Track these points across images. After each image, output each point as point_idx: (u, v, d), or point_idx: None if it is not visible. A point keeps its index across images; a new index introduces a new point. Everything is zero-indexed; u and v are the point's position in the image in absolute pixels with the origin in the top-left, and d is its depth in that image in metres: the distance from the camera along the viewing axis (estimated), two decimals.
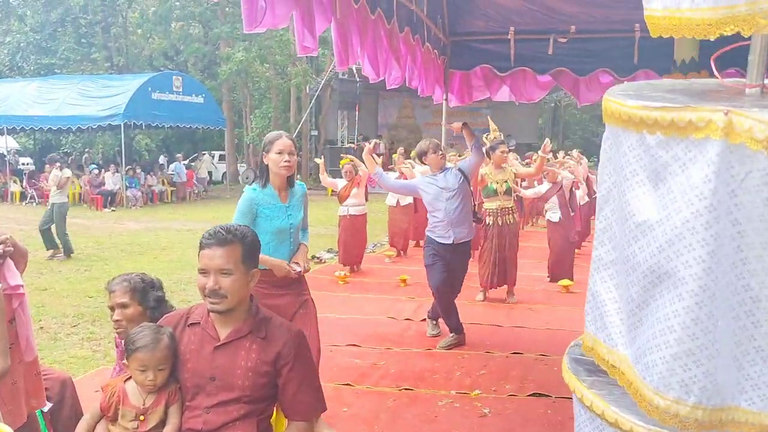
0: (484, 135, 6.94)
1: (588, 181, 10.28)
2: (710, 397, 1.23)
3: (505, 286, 6.94)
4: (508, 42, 5.64)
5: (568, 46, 5.55)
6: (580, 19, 5.42)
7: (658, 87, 1.32)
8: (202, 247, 2.11)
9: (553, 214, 8.04)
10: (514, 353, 5.08)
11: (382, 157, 23.96)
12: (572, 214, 8.26)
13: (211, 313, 2.13)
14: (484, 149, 6.08)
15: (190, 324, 2.18)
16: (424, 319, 5.84)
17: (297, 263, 3.46)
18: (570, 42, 5.54)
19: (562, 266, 8.04)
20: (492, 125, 6.94)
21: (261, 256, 3.29)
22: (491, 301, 6.87)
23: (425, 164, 5.25)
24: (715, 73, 1.46)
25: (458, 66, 5.87)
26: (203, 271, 2.08)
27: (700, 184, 1.16)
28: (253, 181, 3.49)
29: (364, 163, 6.00)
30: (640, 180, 1.18)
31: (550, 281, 8.00)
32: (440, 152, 5.23)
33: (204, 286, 2.07)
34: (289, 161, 3.34)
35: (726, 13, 1.24)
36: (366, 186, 8.62)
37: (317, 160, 8.57)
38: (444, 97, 5.99)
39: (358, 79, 21.45)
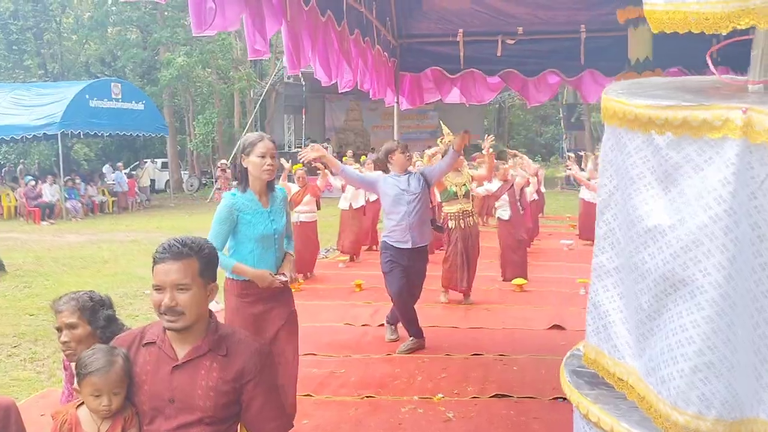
0: (438, 139, 6.94)
1: (537, 177, 10.45)
2: (731, 410, 1.17)
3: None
4: (457, 44, 5.65)
5: (516, 48, 5.60)
6: (527, 21, 5.48)
7: (649, 84, 1.27)
8: (155, 261, 1.99)
9: (504, 212, 8.11)
10: (474, 354, 5.07)
11: None
12: (522, 212, 8.37)
13: (167, 332, 2.02)
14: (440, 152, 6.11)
15: (146, 344, 2.06)
16: (382, 324, 5.79)
17: (283, 273, 3.32)
18: (518, 43, 5.59)
19: (514, 265, 8.11)
20: (445, 129, 6.94)
21: (241, 266, 3.18)
22: (448, 303, 6.87)
23: (388, 163, 5.15)
24: (712, 69, 1.44)
25: (408, 68, 5.85)
26: (158, 288, 1.97)
27: (718, 187, 1.10)
28: (233, 186, 3.36)
29: (325, 166, 5.91)
30: (648, 183, 1.11)
31: (504, 280, 8.07)
32: (408, 153, 5.19)
33: (159, 303, 1.95)
34: (272, 165, 3.21)
35: (739, 5, 1.19)
36: (319, 194, 8.52)
37: (284, 162, 8.36)
38: (395, 100, 5.96)
39: (303, 83, 21.25)
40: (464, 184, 6.62)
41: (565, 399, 4.06)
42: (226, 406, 2.00)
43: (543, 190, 13.50)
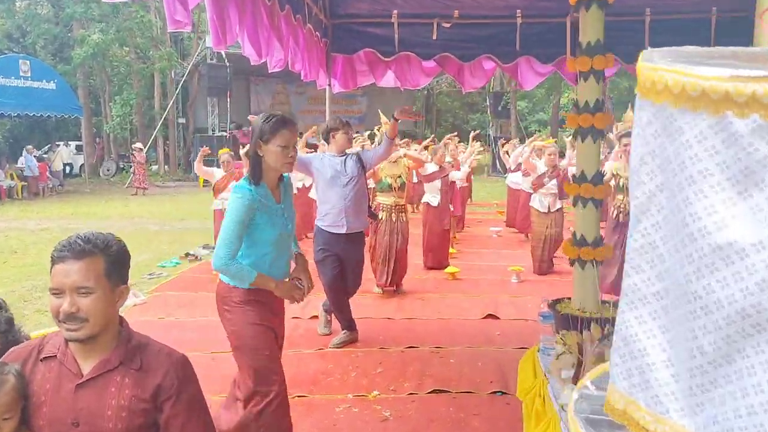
0: (376, 127, 6.73)
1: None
2: None
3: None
4: (392, 25, 5.43)
5: (452, 32, 5.43)
6: (464, 4, 5.32)
7: (696, 53, 0.97)
8: (53, 261, 1.69)
9: (433, 198, 8.00)
10: (409, 347, 4.92)
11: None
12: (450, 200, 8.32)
13: (69, 343, 1.72)
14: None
15: (44, 358, 1.75)
16: (314, 317, 5.55)
17: (299, 279, 2.95)
18: (454, 27, 5.42)
19: (438, 252, 8.03)
20: (383, 118, 6.73)
21: (264, 278, 2.74)
22: (382, 294, 6.69)
23: (327, 142, 4.92)
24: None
25: (341, 50, 5.58)
26: (56, 292, 1.67)
27: None
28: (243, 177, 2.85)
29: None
30: (717, 183, 0.84)
31: (427, 268, 7.96)
32: (350, 133, 4.98)
33: (58, 310, 1.65)
34: (293, 157, 2.81)
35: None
36: None
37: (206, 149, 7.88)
38: (327, 83, 5.68)
39: (228, 64, 20.50)
40: (400, 176, 6.47)
41: (504, 393, 4.00)
42: (142, 427, 1.73)
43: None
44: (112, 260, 1.73)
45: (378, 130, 6.62)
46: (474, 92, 38.35)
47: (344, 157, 4.88)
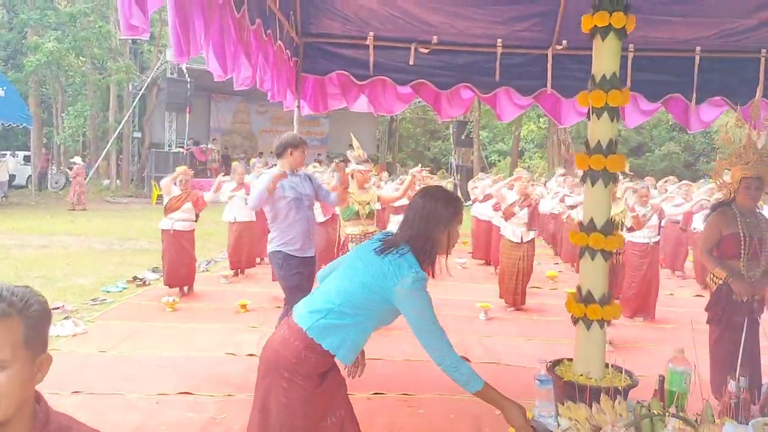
0: (347, 152, 6.40)
1: None
2: None
3: None
4: (367, 48, 5.15)
5: (430, 58, 5.18)
6: (443, 30, 5.08)
7: None
8: None
9: None
10: (376, 394, 4.54)
11: (215, 164, 22.61)
12: None
13: None
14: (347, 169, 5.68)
15: None
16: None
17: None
18: (432, 54, 5.17)
19: None
20: (355, 142, 6.43)
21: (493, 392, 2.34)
22: None
23: (282, 157, 4.60)
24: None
25: (312, 70, 5.25)
26: None
27: None
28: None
29: None
30: None
31: None
32: (306, 151, 4.68)
33: None
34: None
35: None
36: (202, 207, 7.69)
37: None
38: (296, 104, 5.34)
39: (189, 79, 19.95)
40: (368, 203, 6.11)
41: None
42: None
43: None
44: (32, 323, 1.34)
45: (350, 155, 6.29)
46: (436, 119, 38.60)
47: (298, 177, 4.64)
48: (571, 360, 2.77)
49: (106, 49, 24.70)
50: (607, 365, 2.72)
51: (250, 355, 5.31)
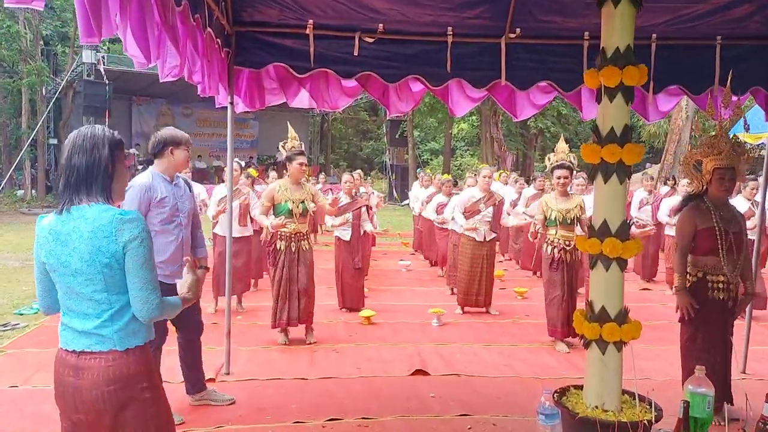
0: (281, 143, 5.91)
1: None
2: None
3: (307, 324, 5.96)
4: (307, 38, 4.68)
5: (376, 48, 4.75)
6: (390, 18, 4.67)
7: None
8: None
9: (345, 231, 7.28)
10: (331, 420, 4.07)
11: (137, 170, 21.43)
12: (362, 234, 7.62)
13: None
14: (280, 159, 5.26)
15: None
16: (211, 379, 4.60)
17: None
18: (378, 43, 4.75)
19: (353, 291, 7.31)
20: (291, 131, 5.95)
21: None
22: (288, 344, 5.79)
23: (158, 159, 3.97)
24: None
25: (246, 63, 4.73)
26: None
27: None
28: None
29: None
30: None
31: (341, 308, 7.23)
32: (190, 151, 4.07)
33: None
34: None
35: None
36: None
37: None
38: (229, 100, 4.80)
39: (107, 82, 18.78)
40: (303, 201, 5.66)
41: None
42: None
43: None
44: None
45: (283, 147, 5.82)
46: (368, 120, 38.26)
47: (177, 180, 4.03)
48: (578, 388, 2.40)
49: (16, 50, 23.04)
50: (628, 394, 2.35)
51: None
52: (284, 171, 5.88)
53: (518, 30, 4.77)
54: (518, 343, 6.02)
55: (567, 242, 5.80)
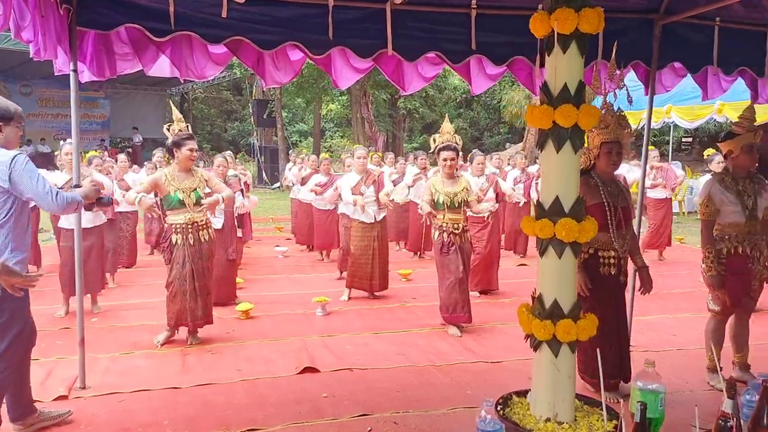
0: (166, 125, 5.19)
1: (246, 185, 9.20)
2: None
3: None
4: None
5: (247, 10, 4.17)
6: None
7: None
8: None
9: (216, 219, 6.65)
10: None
11: None
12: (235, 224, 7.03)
13: None
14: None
15: None
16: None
17: None
18: (250, 4, 4.17)
19: (226, 284, 6.70)
20: (176, 113, 5.29)
21: None
22: (161, 347, 5.11)
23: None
24: None
25: (92, 23, 3.96)
26: None
27: None
28: None
29: None
30: None
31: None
32: (21, 128, 3.31)
33: None
34: None
35: None
36: None
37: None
38: (72, 67, 4.02)
39: None
40: (194, 189, 5.04)
41: None
42: None
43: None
44: None
45: (169, 130, 5.15)
46: (233, 99, 36.68)
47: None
48: (520, 395, 2.07)
49: None
50: (582, 399, 2.05)
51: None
52: (173, 157, 5.21)
53: None
54: (409, 328, 5.76)
55: (455, 226, 5.60)
